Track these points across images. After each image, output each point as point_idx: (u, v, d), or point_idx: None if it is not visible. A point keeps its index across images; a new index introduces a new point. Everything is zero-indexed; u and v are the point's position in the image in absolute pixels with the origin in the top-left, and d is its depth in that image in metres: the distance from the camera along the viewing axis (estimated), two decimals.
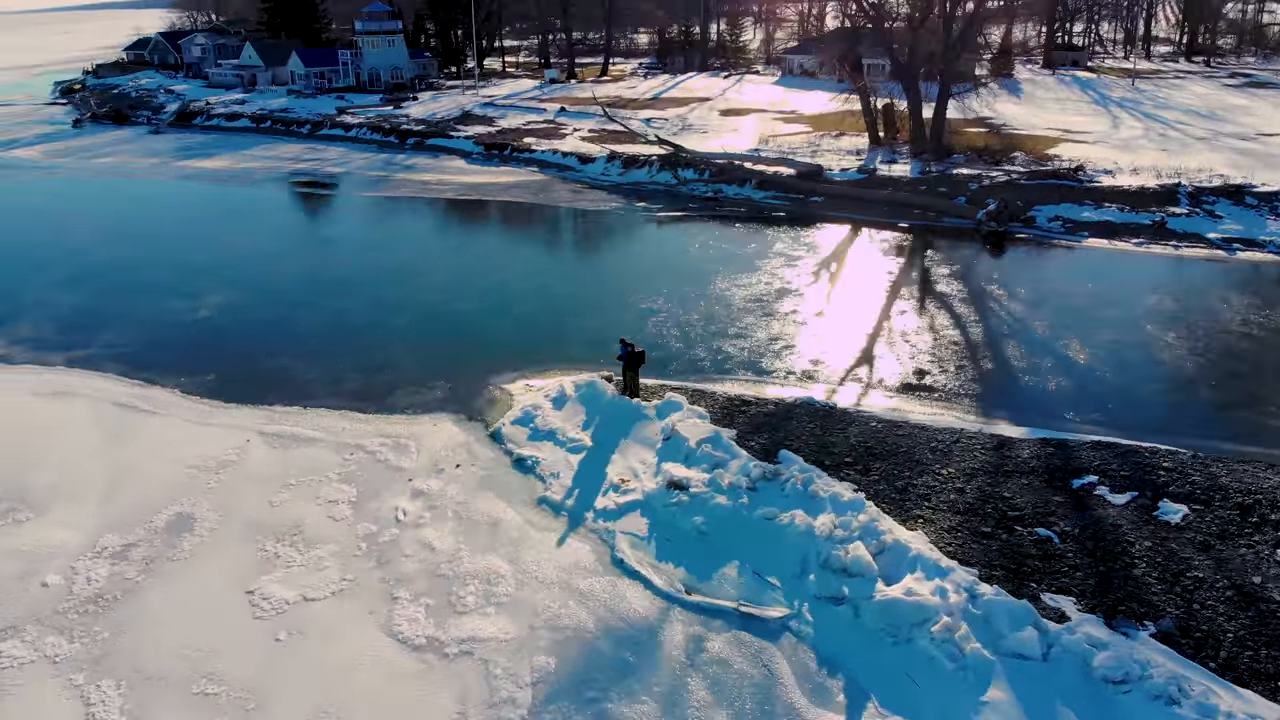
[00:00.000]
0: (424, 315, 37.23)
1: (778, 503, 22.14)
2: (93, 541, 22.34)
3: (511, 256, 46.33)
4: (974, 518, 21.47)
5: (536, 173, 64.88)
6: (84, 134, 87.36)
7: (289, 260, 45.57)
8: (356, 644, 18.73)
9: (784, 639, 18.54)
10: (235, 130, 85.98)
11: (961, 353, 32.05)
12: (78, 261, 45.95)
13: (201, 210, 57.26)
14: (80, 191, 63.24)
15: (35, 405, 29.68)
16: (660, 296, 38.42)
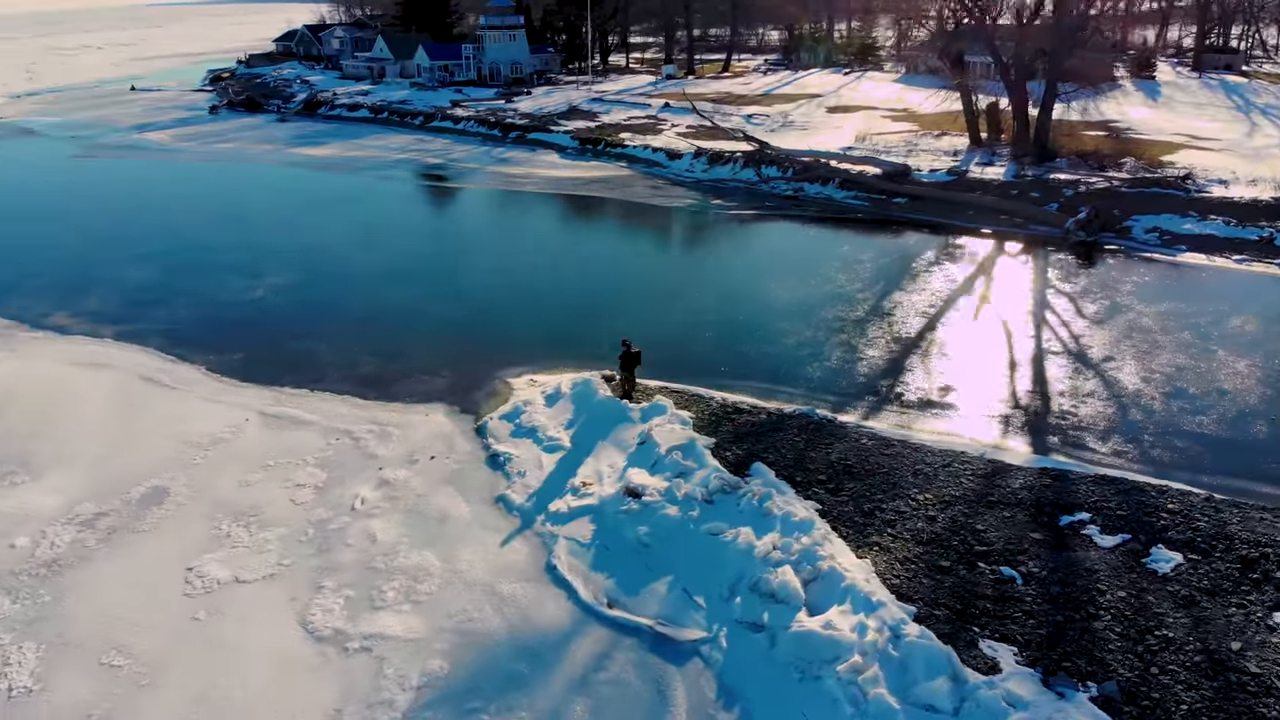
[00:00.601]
0: (463, 305, 37.43)
1: (729, 518, 20.94)
2: (70, 508, 23.12)
3: (567, 250, 46.08)
4: (936, 549, 19.70)
5: (624, 168, 64.47)
6: (217, 120, 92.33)
7: (357, 247, 46.53)
8: (265, 630, 18.67)
9: (691, 664, 17.43)
10: (354, 120, 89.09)
11: (999, 370, 29.80)
12: (160, 240, 48.41)
13: (293, 196, 59.43)
14: (189, 174, 66.71)
15: (69, 374, 31.15)
16: (701, 295, 37.43)
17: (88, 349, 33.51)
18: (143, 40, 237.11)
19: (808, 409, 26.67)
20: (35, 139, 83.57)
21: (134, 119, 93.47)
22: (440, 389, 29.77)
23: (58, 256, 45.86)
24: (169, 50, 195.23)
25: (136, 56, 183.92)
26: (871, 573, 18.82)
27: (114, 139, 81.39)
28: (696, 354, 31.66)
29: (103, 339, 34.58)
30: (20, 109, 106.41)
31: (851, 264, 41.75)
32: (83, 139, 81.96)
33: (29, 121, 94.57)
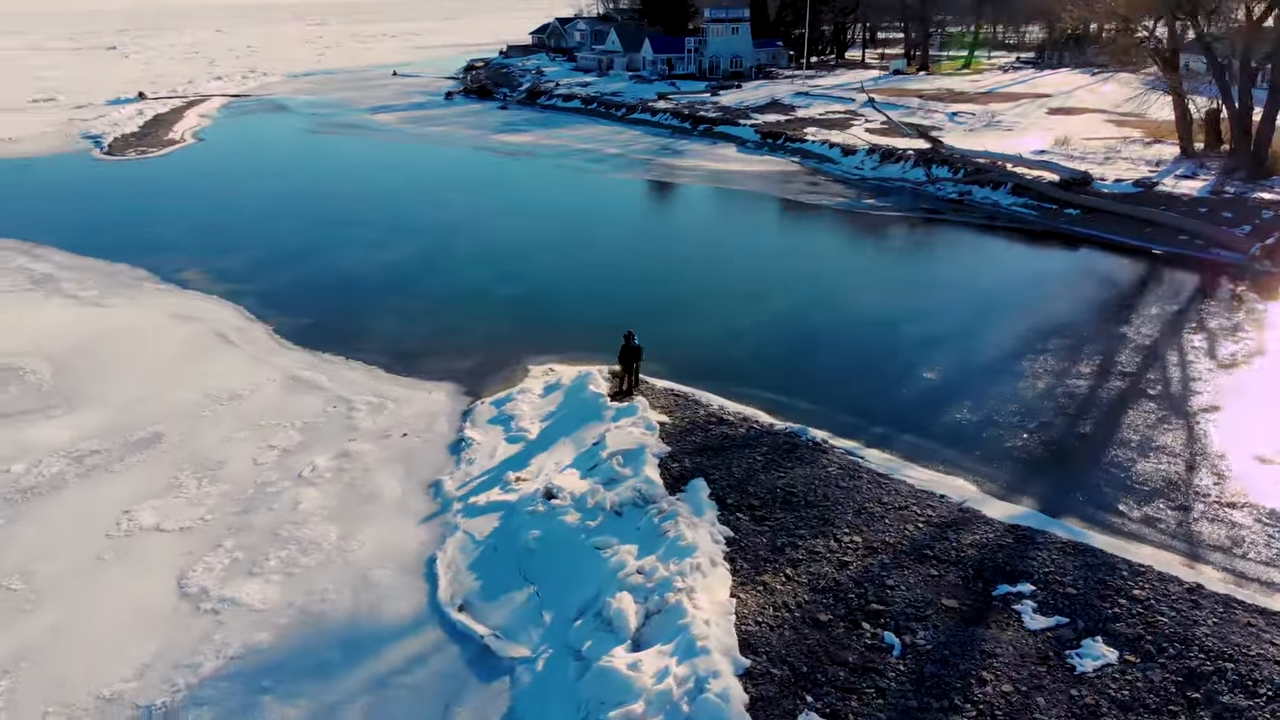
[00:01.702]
0: (541, 288, 37.38)
1: (624, 533, 19.34)
2: (74, 443, 25.09)
3: (679, 243, 44.53)
4: (826, 600, 17.14)
5: (794, 163, 62.17)
6: (448, 105, 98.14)
7: (483, 228, 47.58)
8: (144, 579, 19.28)
9: (497, 683, 16.26)
10: (566, 110, 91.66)
11: (1068, 409, 25.88)
12: (317, 210, 52.00)
13: (459, 177, 61.79)
14: (385, 153, 71.17)
15: (159, 324, 33.96)
16: (789, 299, 35.33)
17: (191, 303, 36.32)
18: (432, 31, 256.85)
19: (800, 428, 24.19)
20: (282, 114, 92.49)
21: (376, 101, 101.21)
22: (462, 368, 29.73)
23: (221, 219, 50.32)
24: (450, 40, 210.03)
25: (421, 45, 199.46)
26: (730, 615, 16.60)
27: (347, 118, 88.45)
28: (741, 359, 29.92)
29: (210, 295, 37.37)
30: (289, 88, 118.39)
31: (975, 277, 37.77)
32: (320, 117, 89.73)
33: (287, 99, 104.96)
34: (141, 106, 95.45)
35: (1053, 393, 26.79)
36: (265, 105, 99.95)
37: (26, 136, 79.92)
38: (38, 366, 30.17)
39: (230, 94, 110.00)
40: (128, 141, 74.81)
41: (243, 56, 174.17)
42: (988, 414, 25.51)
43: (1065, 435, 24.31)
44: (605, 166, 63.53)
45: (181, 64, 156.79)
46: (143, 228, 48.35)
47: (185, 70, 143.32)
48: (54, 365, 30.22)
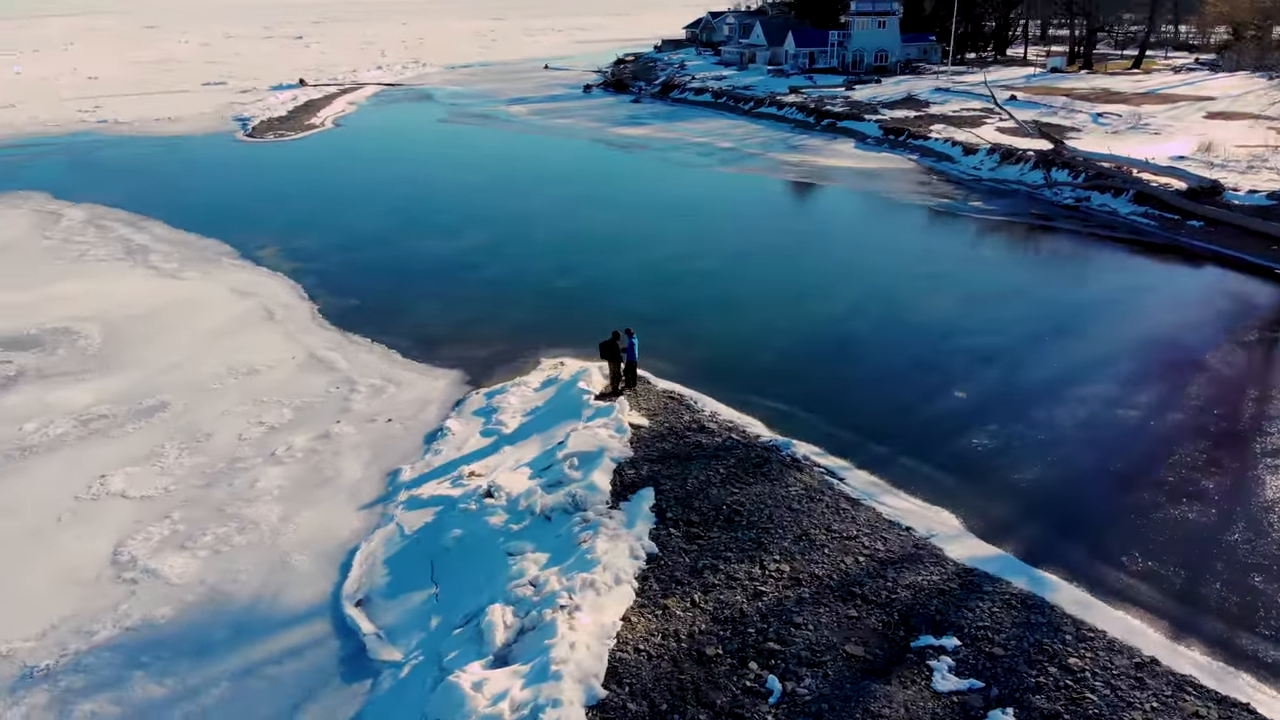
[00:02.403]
0: (594, 281, 36.69)
1: (542, 540, 18.40)
2: (89, 407, 26.20)
3: (755, 240, 42.38)
4: (722, 632, 15.64)
5: (912, 160, 59.08)
6: (584, 98, 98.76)
7: (560, 216, 47.21)
8: (87, 543, 19.75)
9: (356, 686, 15.71)
10: (694, 104, 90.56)
11: (1088, 445, 23.19)
12: (405, 195, 53.02)
13: (560, 169, 61.67)
14: (501, 143, 72.05)
15: (219, 298, 35.23)
16: (845, 303, 33.44)
17: (255, 279, 37.52)
18: (600, 26, 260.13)
19: (784, 442, 22.49)
20: (425, 103, 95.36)
21: (517, 93, 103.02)
22: (478, 357, 29.43)
23: (318, 200, 52.07)
24: (612, 35, 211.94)
25: (583, 39, 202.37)
26: (609, 639, 15.33)
27: (482, 109, 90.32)
28: (764, 362, 28.47)
29: (276, 272, 38.51)
30: (442, 79, 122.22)
31: (1060, 290, 34.67)
32: (458, 107, 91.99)
33: (435, 89, 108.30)
34: (298, 93, 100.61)
35: (1094, 423, 23.90)
36: (413, 95, 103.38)
37: (187, 117, 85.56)
38: (93, 332, 31.70)
39: (385, 83, 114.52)
40: (271, 125, 78.72)
41: (412, 48, 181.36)
42: (1008, 441, 22.98)
43: (1088, 472, 21.58)
44: (711, 160, 62.10)
45: (355, 54, 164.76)
46: (247, 205, 50.60)
47: (355, 60, 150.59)
48: (108, 331, 31.67)
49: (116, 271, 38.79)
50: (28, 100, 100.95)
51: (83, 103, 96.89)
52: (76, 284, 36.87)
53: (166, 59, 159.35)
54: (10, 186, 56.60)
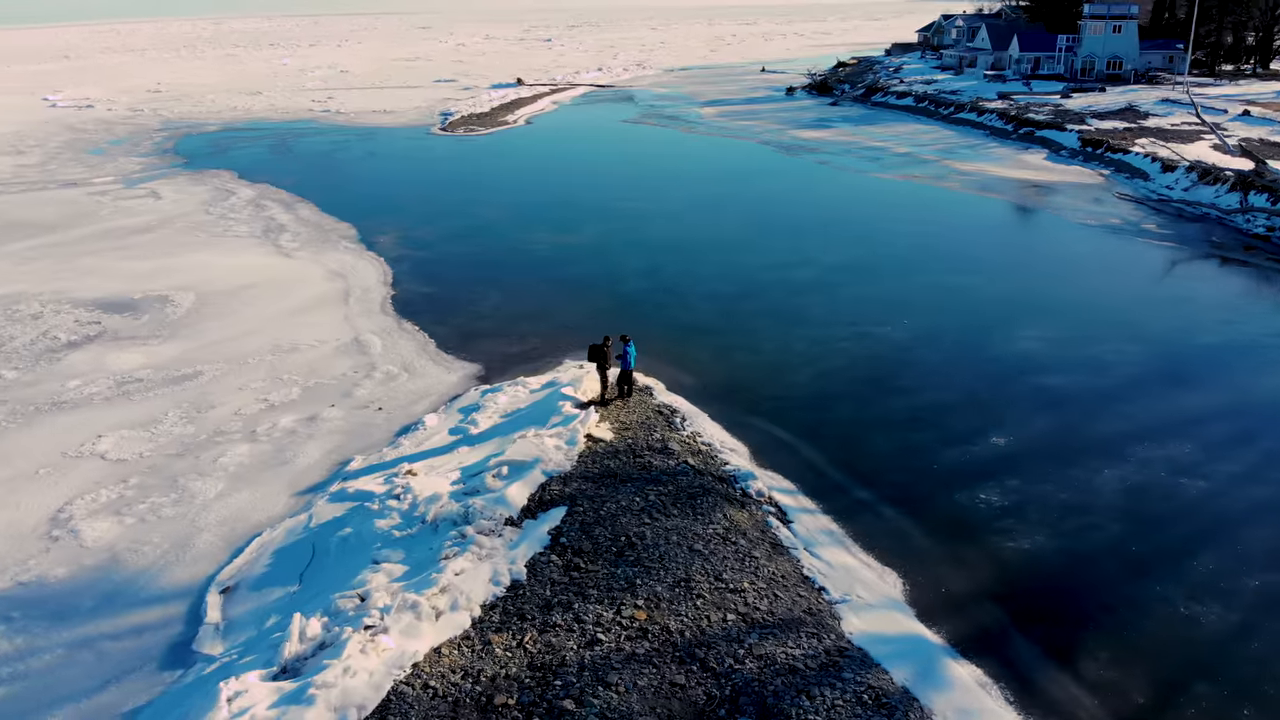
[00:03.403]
0: (682, 286, 35.15)
1: (414, 551, 17.45)
2: (132, 371, 27.77)
3: (857, 252, 39.11)
4: (527, 680, 13.97)
5: (1102, 175, 53.29)
6: (783, 100, 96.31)
7: (687, 221, 45.68)
8: (41, 499, 20.71)
9: (166, 674, 15.48)
10: (893, 108, 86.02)
11: (1121, 516, 19.39)
12: (537, 191, 53.23)
13: (715, 169, 59.83)
14: (668, 142, 70.93)
15: (310, 278, 36.65)
16: (900, 323, 30.29)
17: (355, 263, 38.74)
18: (846, 29, 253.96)
19: (746, 473, 20.31)
20: (622, 104, 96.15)
21: (718, 95, 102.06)
22: (508, 353, 28.95)
23: (462, 191, 53.29)
24: (853, 39, 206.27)
25: (820, 43, 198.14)
26: (397, 670, 14.01)
27: (673, 110, 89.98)
28: (794, 386, 26.13)
29: (380, 258, 39.66)
30: (653, 80, 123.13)
31: (1184, 332, 29.76)
32: (652, 109, 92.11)
33: (640, 91, 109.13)
34: (511, 91, 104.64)
35: (1142, 493, 19.96)
36: (617, 96, 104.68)
37: (401, 110, 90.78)
38: (185, 302, 33.69)
39: (598, 84, 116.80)
40: (467, 121, 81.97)
41: (646, 51, 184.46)
42: (1023, 502, 19.58)
43: (1099, 552, 17.97)
44: (875, 166, 58.36)
45: (590, 56, 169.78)
46: (398, 194, 52.69)
47: (588, 61, 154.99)
48: (198, 302, 33.54)
49: (242, 247, 41.15)
50: (275, 89, 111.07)
51: (319, 94, 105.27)
52: (200, 256, 39.43)
53: (418, 57, 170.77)
54: (210, 164, 61.99)
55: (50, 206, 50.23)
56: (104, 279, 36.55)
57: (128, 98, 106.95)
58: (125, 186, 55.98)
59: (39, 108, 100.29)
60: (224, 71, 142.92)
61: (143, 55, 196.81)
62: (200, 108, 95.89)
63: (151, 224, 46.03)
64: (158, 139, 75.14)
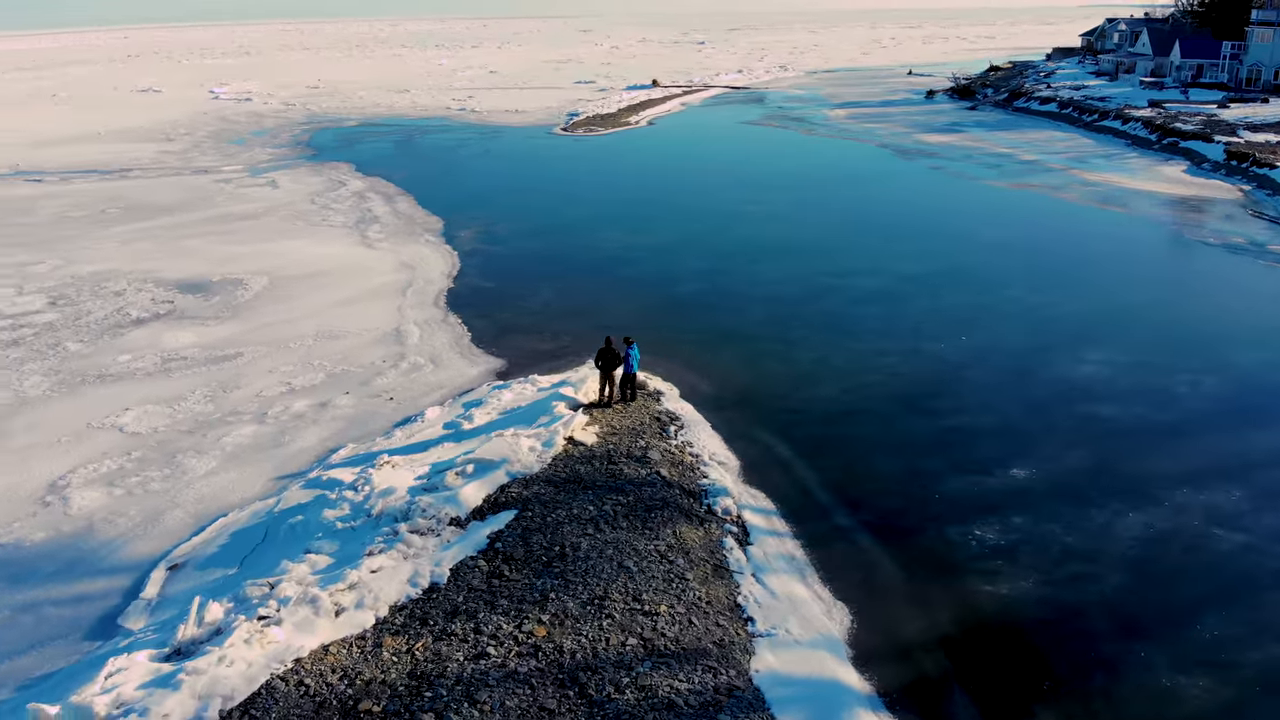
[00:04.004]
0: (741, 290, 34.15)
1: (347, 544, 17.33)
2: (183, 349, 28.95)
3: (941, 264, 36.70)
4: (400, 688, 13.50)
5: (1240, 190, 48.92)
6: (921, 104, 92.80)
7: (771, 224, 44.19)
8: (49, 465, 21.68)
9: (85, 645, 15.81)
10: (1034, 113, 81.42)
11: (1118, 575, 17.21)
12: (640, 188, 52.92)
13: (817, 171, 57.83)
14: (783, 143, 69.03)
15: (379, 268, 37.46)
16: (952, 343, 28.32)
17: (428, 255, 39.37)
18: (1012, 34, 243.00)
19: (719, 489, 19.19)
20: (750, 106, 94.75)
21: (854, 97, 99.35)
22: (537, 350, 28.81)
23: (555, 188, 53.44)
24: (1017, 43, 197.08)
25: (978, 48, 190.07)
26: (276, 664, 13.79)
27: (800, 112, 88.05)
28: (814, 399, 24.71)
29: (454, 251, 40.23)
30: (793, 82, 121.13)
31: None
32: (780, 110, 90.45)
33: (773, 93, 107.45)
34: (644, 93, 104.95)
35: (1164, 540, 17.80)
36: (749, 97, 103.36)
37: (531, 110, 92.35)
38: (256, 286, 34.98)
39: (734, 86, 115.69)
40: (589, 121, 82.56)
41: (796, 54, 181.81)
42: (1018, 542, 17.88)
43: (1086, 606, 15.92)
44: (994, 173, 55.19)
45: (736, 59, 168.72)
46: (495, 190, 53.45)
47: (730, 64, 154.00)
48: (268, 287, 34.77)
49: (331, 236, 42.46)
50: (422, 88, 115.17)
51: (460, 93, 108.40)
52: (288, 243, 40.92)
53: (569, 59, 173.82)
54: (334, 157, 64.57)
55: (175, 192, 53.32)
56: (194, 261, 38.34)
57: (285, 93, 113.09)
58: (249, 175, 58.85)
59: (203, 99, 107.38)
60: (382, 70, 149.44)
61: (315, 53, 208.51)
62: (347, 103, 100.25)
63: (257, 211, 48.08)
64: (297, 132, 78.86)
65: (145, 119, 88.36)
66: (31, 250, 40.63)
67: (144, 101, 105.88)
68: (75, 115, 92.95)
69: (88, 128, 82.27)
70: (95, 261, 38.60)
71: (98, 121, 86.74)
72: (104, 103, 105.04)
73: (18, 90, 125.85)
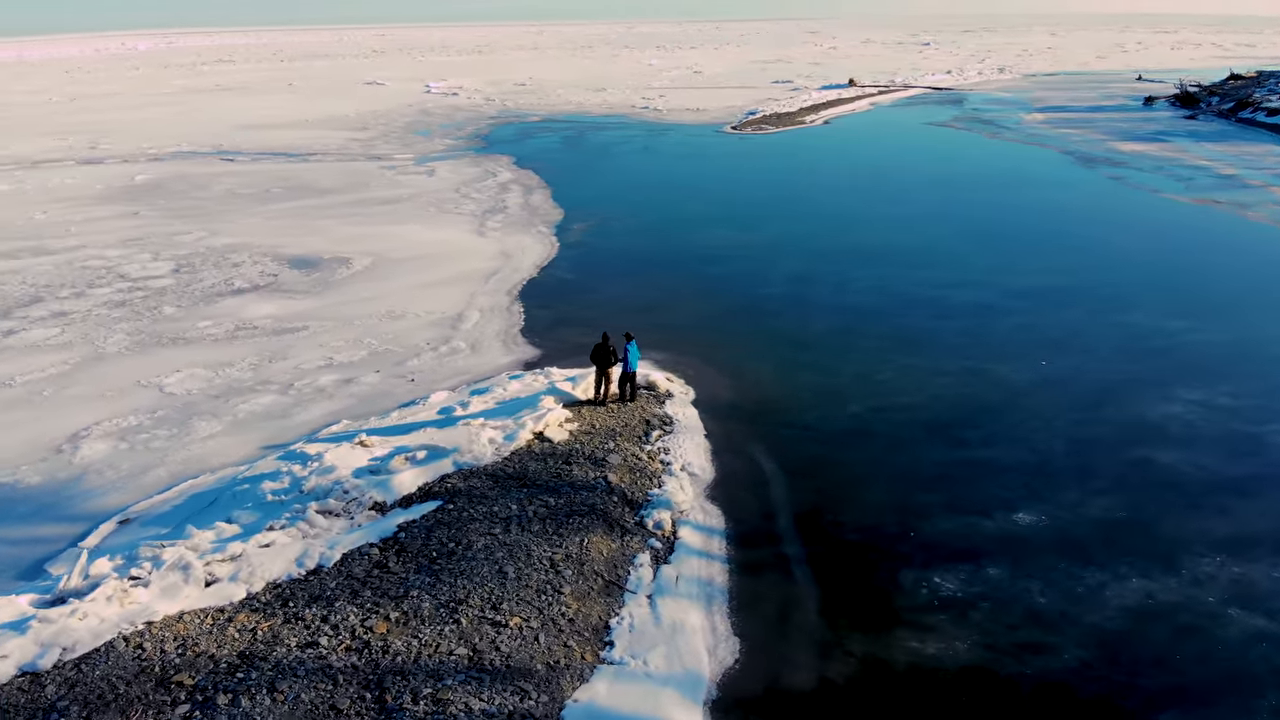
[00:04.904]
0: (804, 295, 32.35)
1: (261, 516, 17.50)
2: (258, 318, 30.43)
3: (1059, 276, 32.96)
4: (229, 662, 13.49)
5: None
6: (1134, 110, 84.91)
7: (891, 227, 41.32)
8: (80, 417, 23.23)
9: (7, 584, 16.65)
10: (1258, 125, 72.37)
11: (1071, 652, 14.65)
12: (782, 186, 51.05)
13: (978, 176, 53.56)
14: (960, 145, 64.27)
15: (483, 254, 37.99)
16: (1014, 368, 25.51)
17: (529, 245, 39.67)
18: (1274, 44, 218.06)
19: (664, 502, 18.01)
20: (943, 108, 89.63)
21: (1061, 102, 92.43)
22: (578, 344, 27.55)
23: (684, 186, 52.48)
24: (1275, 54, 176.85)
25: (1233, 55, 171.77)
26: (135, 624, 14.10)
27: (993, 114, 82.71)
28: (835, 416, 22.74)
29: (556, 244, 40.26)
30: (1002, 84, 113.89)
31: None
32: (971, 111, 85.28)
33: (976, 95, 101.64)
34: (832, 93, 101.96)
35: (1163, 619, 14.98)
36: (946, 99, 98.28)
37: (711, 109, 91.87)
38: (358, 265, 36.48)
39: (936, 87, 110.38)
40: (763, 120, 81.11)
41: (1022, 56, 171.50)
42: (985, 596, 15.63)
43: (1031, 680, 13.63)
44: (1180, 187, 49.41)
45: (955, 60, 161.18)
46: (628, 186, 53.35)
47: (945, 65, 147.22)
48: (368, 266, 36.19)
49: (451, 223, 43.66)
50: (620, 86, 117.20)
51: (653, 92, 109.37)
52: (410, 227, 42.42)
53: (779, 59, 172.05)
54: (500, 150, 66.65)
55: (339, 176, 56.57)
56: (317, 239, 40.39)
57: (492, 89, 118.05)
58: (415, 163, 61.59)
59: (416, 93, 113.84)
60: (592, 69, 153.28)
61: (540, 53, 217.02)
62: (543, 100, 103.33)
63: (401, 197, 50.15)
64: (481, 125, 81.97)
65: (354, 109, 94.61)
66: (187, 221, 44.14)
67: (364, 93, 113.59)
68: (297, 103, 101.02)
69: (300, 115, 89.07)
70: (233, 235, 41.38)
71: (313, 109, 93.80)
72: (328, 93, 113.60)
73: (262, 79, 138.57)
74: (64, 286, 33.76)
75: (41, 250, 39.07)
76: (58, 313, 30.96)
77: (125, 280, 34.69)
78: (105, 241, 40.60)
